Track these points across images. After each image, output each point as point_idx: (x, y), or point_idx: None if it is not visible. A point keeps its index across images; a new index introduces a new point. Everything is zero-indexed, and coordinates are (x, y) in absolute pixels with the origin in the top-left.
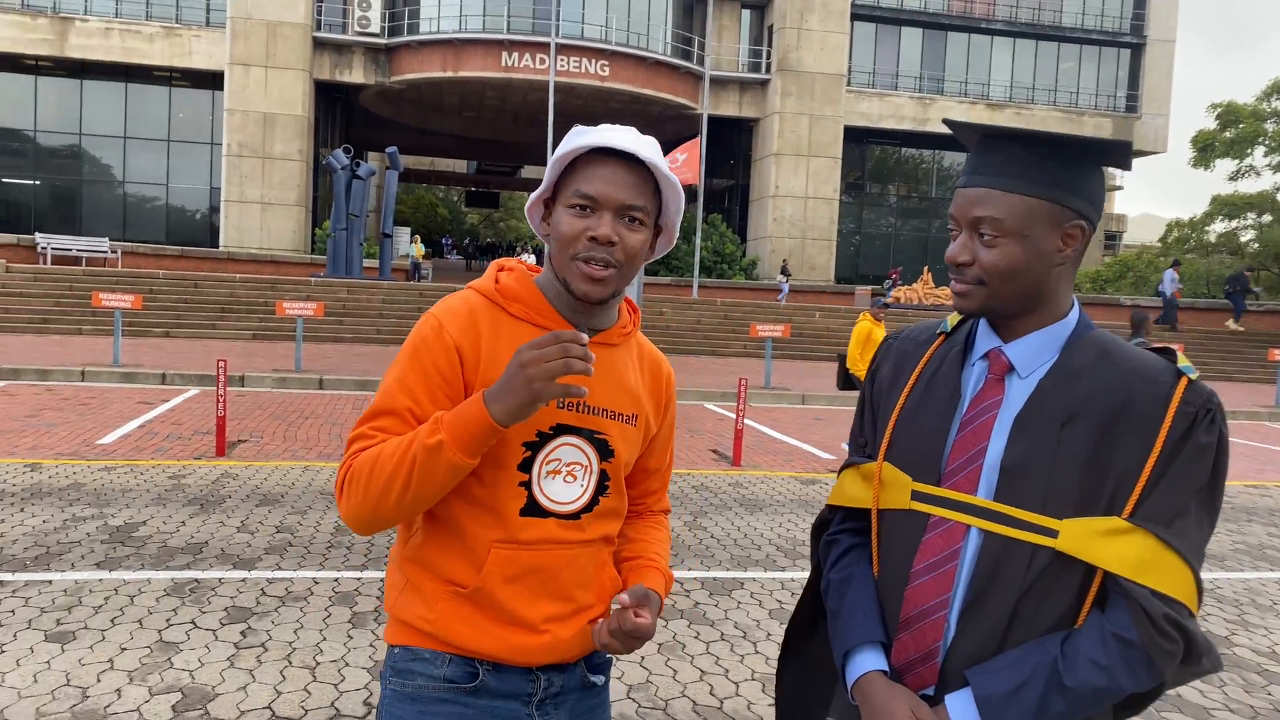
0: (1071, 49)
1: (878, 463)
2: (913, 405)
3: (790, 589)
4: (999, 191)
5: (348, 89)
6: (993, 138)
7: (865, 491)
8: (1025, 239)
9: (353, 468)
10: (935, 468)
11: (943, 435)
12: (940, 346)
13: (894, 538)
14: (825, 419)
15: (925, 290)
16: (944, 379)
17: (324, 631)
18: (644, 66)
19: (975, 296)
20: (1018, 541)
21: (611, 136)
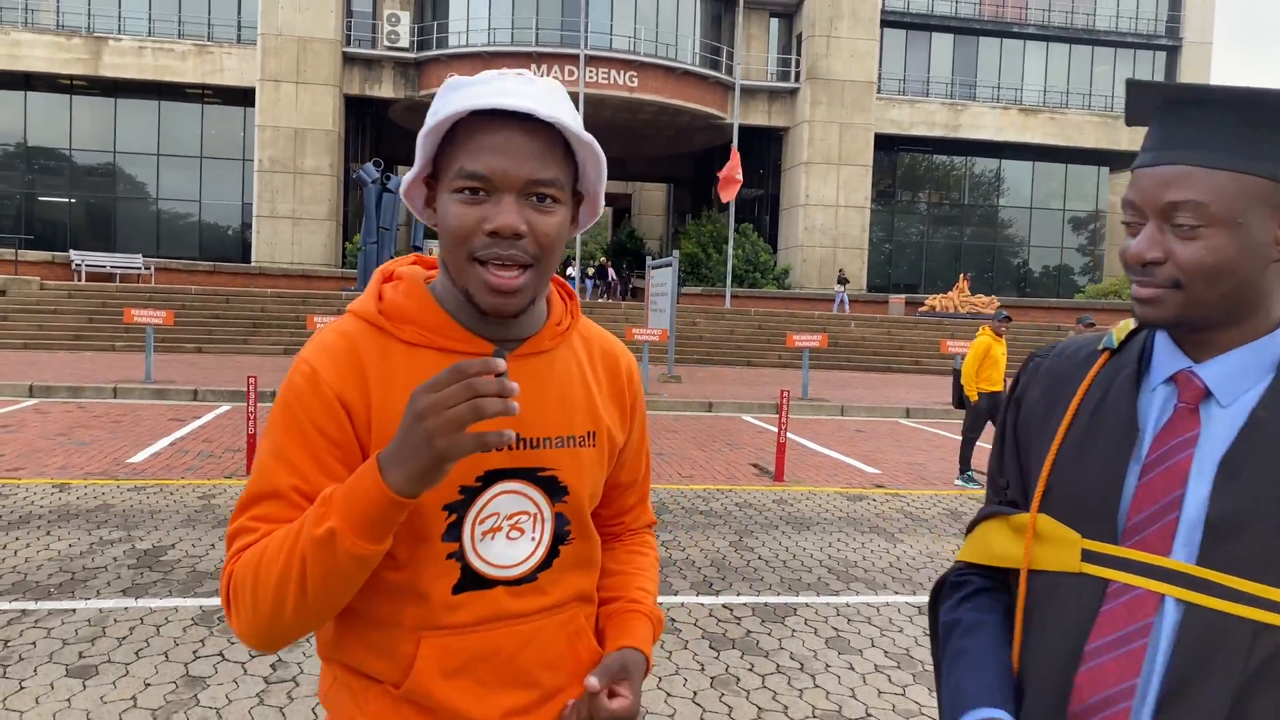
0: (1106, 52)
1: (1031, 514)
2: (1075, 442)
3: (845, 615)
4: (1203, 169)
5: (377, 103)
6: (1189, 102)
7: (1015, 549)
8: (1237, 228)
9: (234, 576)
10: (1111, 522)
11: (1119, 481)
12: (1104, 367)
13: (1054, 606)
14: (866, 431)
15: (961, 298)
16: (1115, 409)
17: None
18: (673, 77)
19: (1168, 304)
20: (1236, 618)
21: (494, 93)
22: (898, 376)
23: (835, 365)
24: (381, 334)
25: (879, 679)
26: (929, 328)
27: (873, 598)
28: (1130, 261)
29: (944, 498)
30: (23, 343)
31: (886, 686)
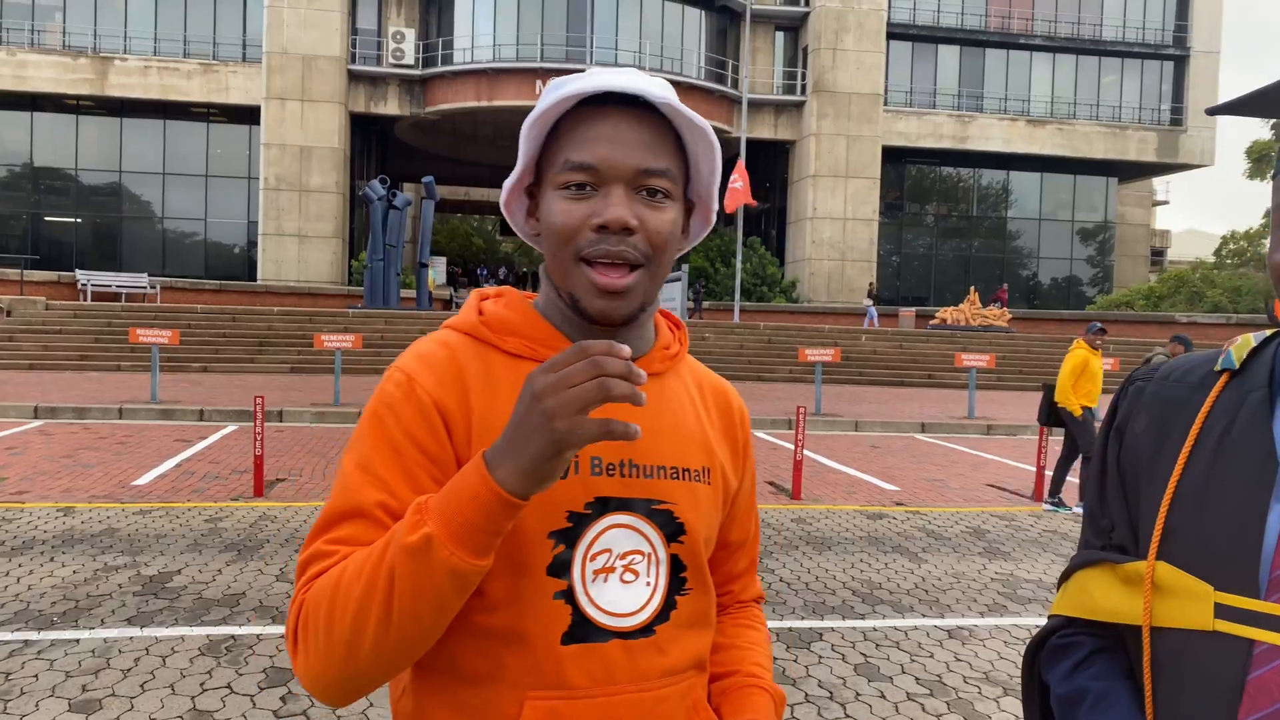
0: (1113, 62)
1: (1148, 562)
2: (1198, 478)
3: (873, 639)
4: None
5: (382, 120)
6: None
7: (1127, 601)
8: None
9: (305, 605)
10: (1252, 570)
11: (1256, 522)
12: (1225, 390)
13: (1192, 669)
14: (882, 447)
15: (973, 311)
16: (1246, 439)
17: (370, 697)
18: (679, 90)
19: None
20: None
21: (606, 77)
22: (911, 390)
23: (847, 380)
24: (483, 345)
25: (912, 708)
26: (941, 341)
27: (900, 621)
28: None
29: (965, 515)
30: (28, 363)
31: (920, 715)
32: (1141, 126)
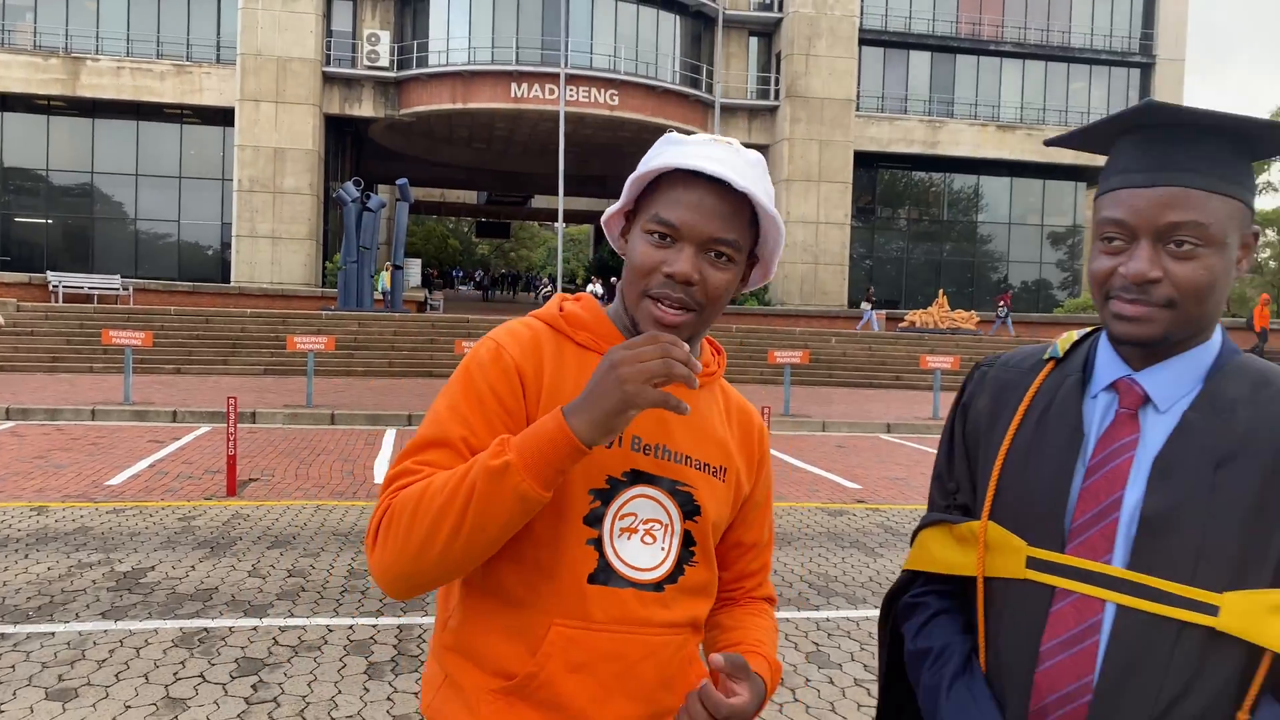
0: (1081, 69)
1: (981, 522)
2: (1022, 449)
3: (825, 629)
4: (1200, 191)
5: (357, 122)
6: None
7: (963, 556)
8: (1224, 249)
9: (392, 507)
10: (1057, 528)
11: (1064, 485)
12: (1050, 375)
13: (1010, 612)
14: (848, 447)
15: (941, 313)
16: (1061, 416)
17: (339, 684)
18: (653, 95)
19: (1158, 322)
20: (1164, 618)
21: (701, 156)
22: (879, 392)
23: (817, 381)
24: (559, 335)
25: (859, 693)
26: (910, 343)
27: (853, 612)
28: (1130, 280)
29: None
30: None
31: (866, 700)
32: None
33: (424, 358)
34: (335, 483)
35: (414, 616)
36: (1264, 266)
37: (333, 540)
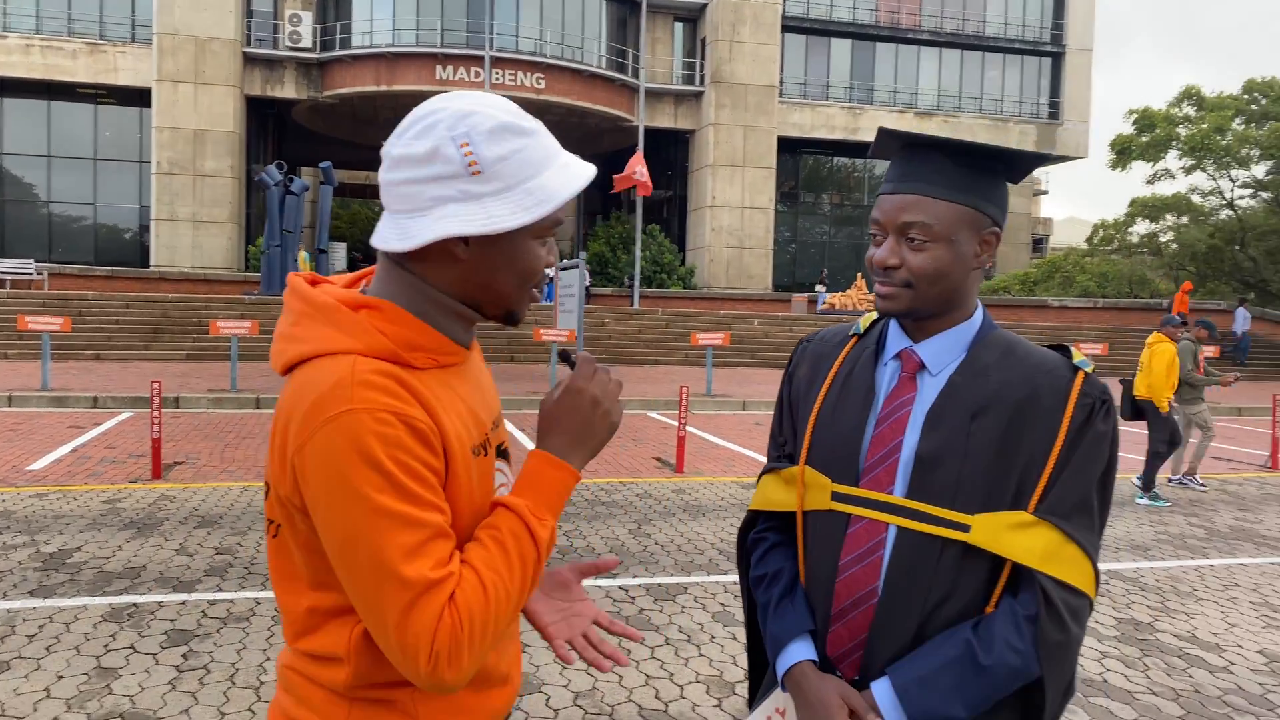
0: (995, 58)
1: (799, 466)
2: (830, 406)
3: (732, 591)
4: (929, 198)
5: (279, 104)
6: (920, 147)
7: (787, 495)
8: (952, 244)
9: (461, 623)
10: (854, 467)
11: (859, 433)
12: (853, 348)
13: (820, 536)
14: (765, 425)
15: (859, 296)
16: (859, 379)
17: (267, 652)
18: (580, 79)
19: (902, 299)
20: (931, 536)
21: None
22: None
23: (740, 363)
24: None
25: None
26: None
27: None
28: (875, 266)
29: None
30: None
31: None
32: (1022, 120)
33: None
34: (261, 464)
35: None
36: (1165, 249)
37: (260, 519)
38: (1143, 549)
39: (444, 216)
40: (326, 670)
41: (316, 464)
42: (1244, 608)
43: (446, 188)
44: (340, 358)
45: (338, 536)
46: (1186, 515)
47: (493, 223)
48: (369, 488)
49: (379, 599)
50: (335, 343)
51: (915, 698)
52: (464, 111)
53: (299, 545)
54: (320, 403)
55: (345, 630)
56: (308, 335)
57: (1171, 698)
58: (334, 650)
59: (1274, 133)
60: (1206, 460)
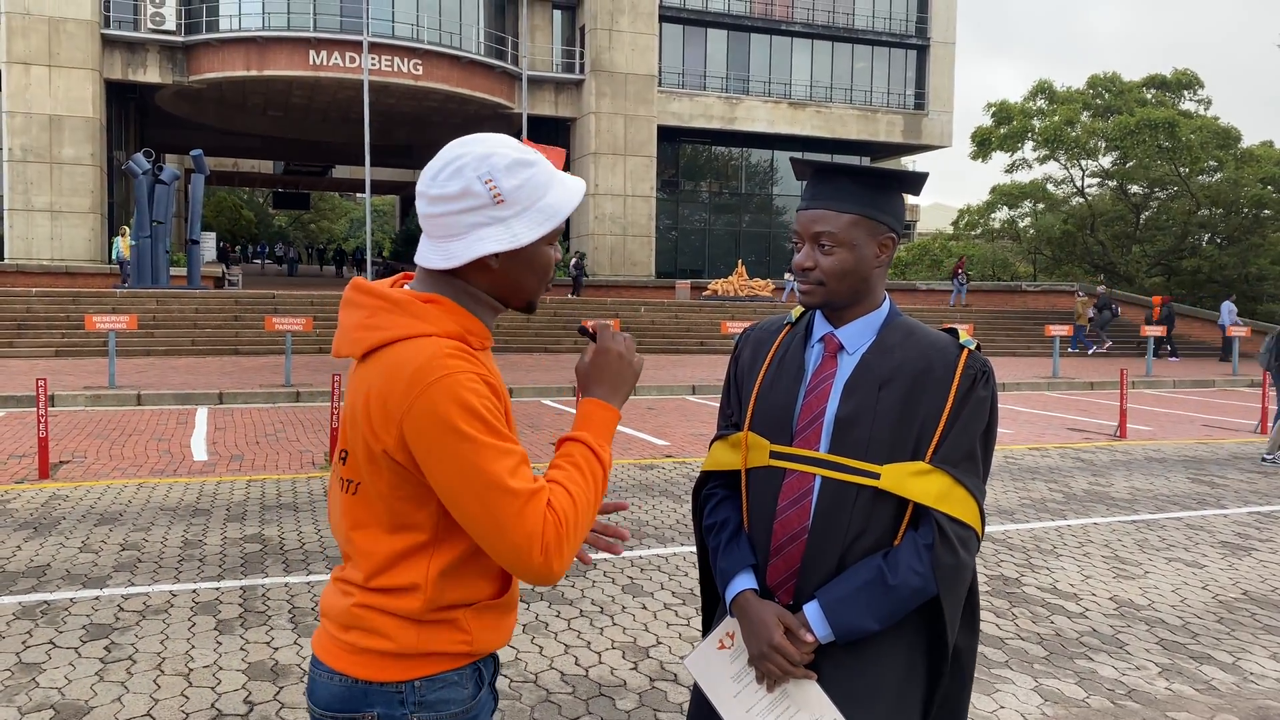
0: (864, 50)
1: (744, 432)
2: (769, 382)
3: (639, 565)
4: (833, 212)
5: (142, 89)
6: (824, 171)
7: (734, 457)
8: (854, 248)
9: (561, 522)
10: (788, 430)
11: (792, 403)
12: (787, 334)
13: (760, 488)
14: (657, 408)
15: (740, 283)
16: (792, 359)
17: (191, 640)
18: (458, 66)
19: (817, 294)
20: (848, 484)
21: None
22: (685, 357)
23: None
24: (466, 345)
25: (668, 614)
26: (712, 311)
27: (663, 550)
28: (796, 269)
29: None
30: None
31: (674, 620)
32: (890, 110)
33: (229, 335)
34: (154, 461)
35: (255, 578)
36: (1023, 234)
37: (162, 515)
38: (1009, 513)
39: (479, 239)
40: (402, 600)
41: (427, 420)
42: (1097, 561)
43: (478, 216)
44: (424, 339)
45: (453, 473)
46: (1046, 482)
47: (517, 240)
48: (473, 429)
49: (496, 511)
50: (417, 329)
51: (838, 614)
52: (484, 154)
53: (384, 495)
54: (420, 372)
55: (423, 565)
56: (389, 324)
57: (1036, 642)
58: (412, 581)
59: (1118, 125)
60: (1061, 431)
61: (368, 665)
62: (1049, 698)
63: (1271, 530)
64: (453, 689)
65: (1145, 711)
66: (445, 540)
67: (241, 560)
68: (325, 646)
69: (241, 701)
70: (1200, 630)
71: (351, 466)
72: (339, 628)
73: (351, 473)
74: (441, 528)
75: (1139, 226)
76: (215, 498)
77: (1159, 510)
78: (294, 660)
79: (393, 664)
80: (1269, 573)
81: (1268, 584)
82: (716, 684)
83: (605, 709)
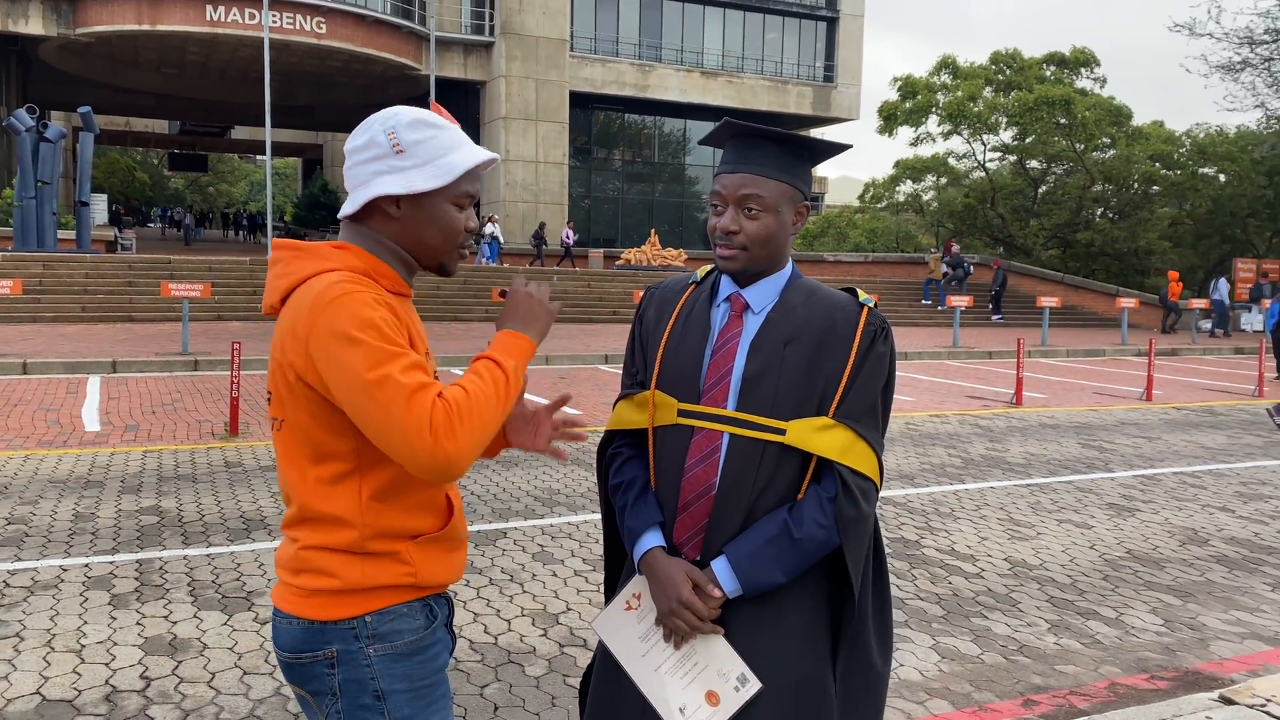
0: (775, 20)
1: (651, 391)
2: (675, 340)
3: (550, 533)
4: (763, 177)
5: (24, 41)
6: (751, 136)
7: (640, 415)
8: (777, 214)
9: (450, 407)
10: (695, 388)
11: (699, 361)
12: (692, 293)
13: (668, 446)
14: (570, 378)
15: (654, 252)
16: (698, 318)
17: (84, 616)
18: (363, 25)
19: (740, 259)
20: (754, 440)
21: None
22: (598, 326)
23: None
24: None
25: (578, 581)
26: (625, 280)
27: (573, 517)
28: (720, 231)
29: None
30: None
31: (584, 586)
32: (800, 82)
33: (123, 301)
34: (42, 432)
35: (151, 551)
36: (927, 207)
37: (50, 487)
38: (910, 478)
39: (378, 185)
40: (338, 534)
41: (326, 334)
42: (993, 523)
43: (379, 165)
44: (328, 273)
45: (347, 377)
46: (946, 448)
47: (411, 186)
48: (366, 336)
49: (386, 403)
50: (321, 266)
51: (745, 569)
52: (393, 111)
53: (305, 424)
54: (320, 296)
55: (351, 493)
56: (298, 268)
57: (935, 601)
58: (343, 511)
59: (1018, 101)
60: (961, 399)
61: (321, 606)
62: (946, 655)
63: (1154, 492)
64: (403, 620)
65: (1035, 666)
66: (370, 469)
67: (137, 533)
68: (282, 595)
69: (138, 677)
70: (1087, 587)
71: (276, 404)
72: (290, 573)
73: (277, 410)
74: (365, 456)
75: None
76: (109, 469)
77: (1051, 474)
78: (193, 634)
79: (343, 601)
80: (1150, 532)
81: (1149, 542)
82: (625, 645)
83: (514, 675)
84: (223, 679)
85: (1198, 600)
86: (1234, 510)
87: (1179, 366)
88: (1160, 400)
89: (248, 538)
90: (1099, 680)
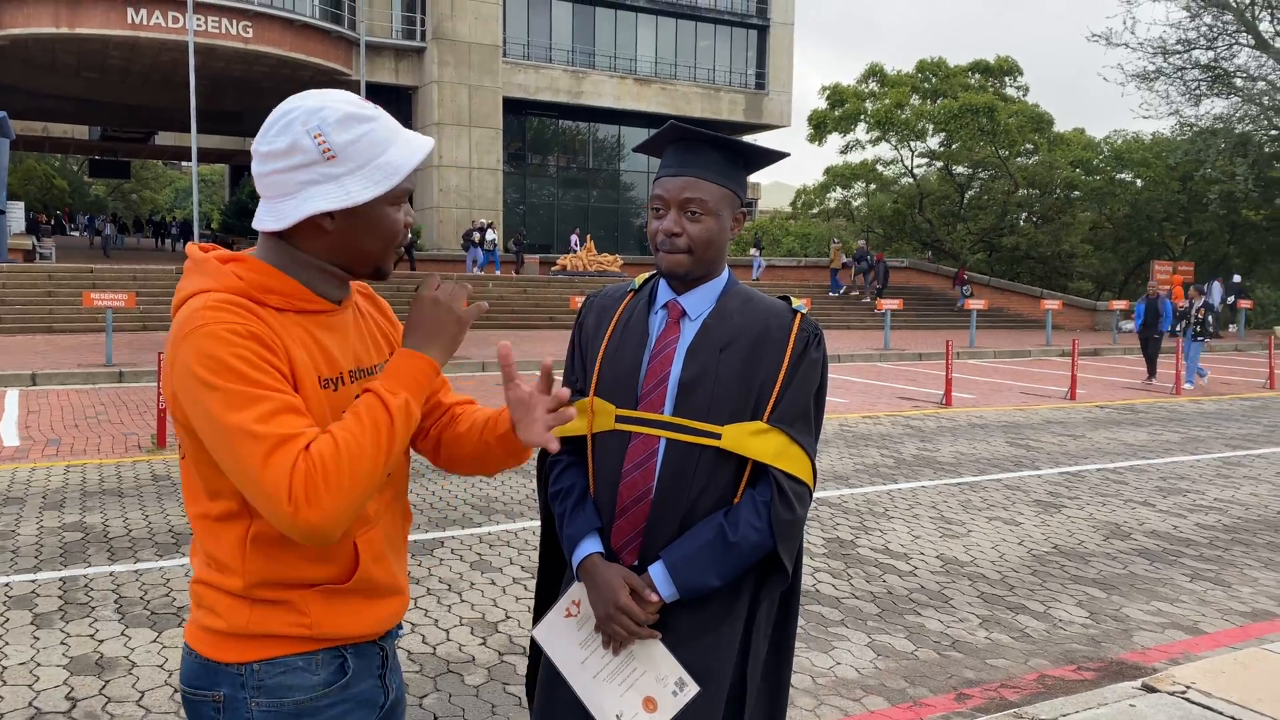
0: (708, 28)
1: (589, 398)
2: (613, 347)
3: (488, 541)
4: (705, 181)
5: None
6: (694, 140)
7: (578, 422)
8: (718, 218)
9: (313, 466)
10: (633, 394)
11: (637, 367)
12: (631, 300)
13: (606, 452)
14: None
15: (589, 257)
16: (636, 324)
17: (4, 637)
18: (291, 29)
19: (684, 262)
20: (690, 444)
21: (415, 144)
22: (535, 332)
23: (477, 325)
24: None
25: (517, 589)
26: (561, 286)
27: (511, 525)
28: (662, 234)
29: None
30: None
31: (523, 594)
32: (732, 89)
33: (42, 312)
34: None
35: (76, 569)
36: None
37: None
38: (844, 478)
39: (310, 197)
40: (226, 577)
41: (181, 373)
42: (925, 522)
43: (308, 173)
44: (199, 295)
45: (206, 424)
46: (879, 448)
47: (350, 198)
48: (218, 378)
49: (243, 457)
50: (201, 285)
51: (682, 573)
52: (315, 108)
53: (193, 460)
54: (180, 327)
55: (236, 535)
56: (185, 285)
57: (870, 600)
58: (225, 557)
59: (944, 108)
60: (892, 400)
61: (209, 644)
62: (881, 652)
63: (1079, 489)
64: (297, 674)
65: (968, 660)
66: (256, 512)
67: (60, 550)
68: (188, 624)
69: (63, 698)
70: (1016, 583)
71: (177, 430)
72: (192, 604)
73: (178, 436)
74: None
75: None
76: (29, 485)
77: (981, 473)
78: (121, 652)
79: (228, 644)
80: (1076, 527)
81: (1075, 538)
82: (564, 652)
83: (453, 685)
84: (152, 697)
85: (1121, 593)
86: (1154, 505)
87: (1102, 366)
88: (1084, 399)
89: (177, 552)
90: (1029, 673)
